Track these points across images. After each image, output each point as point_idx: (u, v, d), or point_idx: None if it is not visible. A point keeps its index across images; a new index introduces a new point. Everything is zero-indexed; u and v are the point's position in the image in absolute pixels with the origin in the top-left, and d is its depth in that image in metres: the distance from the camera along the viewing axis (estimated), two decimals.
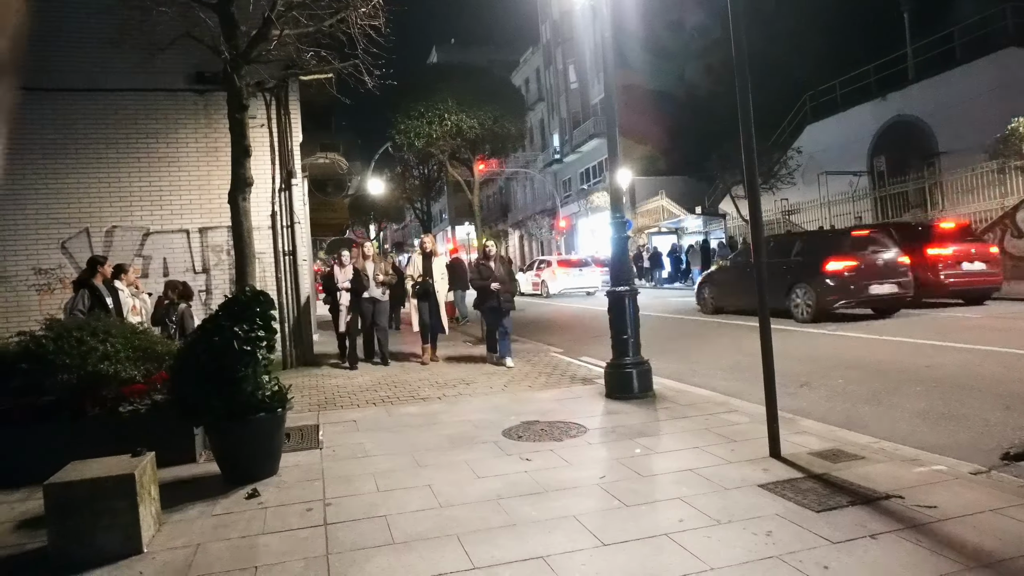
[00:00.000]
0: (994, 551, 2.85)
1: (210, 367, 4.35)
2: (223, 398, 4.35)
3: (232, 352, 4.35)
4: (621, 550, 3.10)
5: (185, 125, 9.60)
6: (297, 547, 3.36)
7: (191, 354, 4.57)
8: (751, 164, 4.48)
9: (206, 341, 4.49)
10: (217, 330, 4.47)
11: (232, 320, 4.49)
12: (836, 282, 11.52)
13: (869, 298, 11.67)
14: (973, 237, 14.24)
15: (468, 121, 15.35)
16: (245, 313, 4.54)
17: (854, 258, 11.72)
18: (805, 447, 4.46)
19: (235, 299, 4.68)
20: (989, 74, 19.61)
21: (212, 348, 4.40)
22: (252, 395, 4.46)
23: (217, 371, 4.34)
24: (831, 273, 11.54)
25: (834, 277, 11.52)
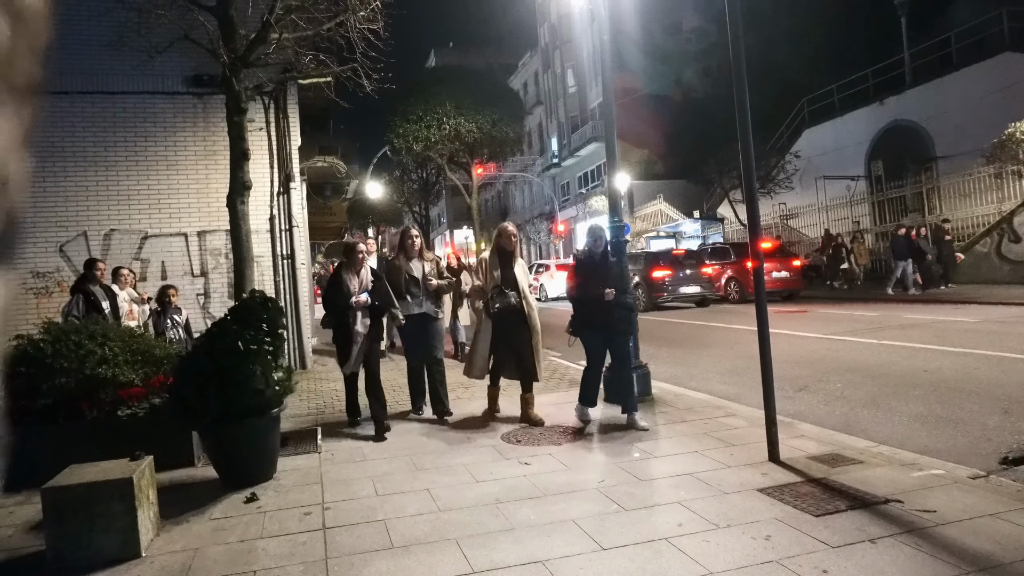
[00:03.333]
0: (993, 555, 2.86)
1: (210, 369, 4.34)
2: (223, 399, 4.33)
3: (237, 353, 4.35)
4: (620, 554, 3.09)
5: (184, 128, 9.59)
6: (295, 551, 3.35)
7: (194, 356, 4.57)
8: (749, 168, 4.49)
9: (210, 343, 4.49)
10: (221, 333, 4.47)
11: (239, 324, 4.49)
12: (658, 285, 17.25)
13: (681, 296, 17.50)
14: (783, 253, 18.95)
15: (466, 125, 15.41)
16: (251, 317, 4.54)
17: (670, 269, 17.54)
18: (804, 451, 4.46)
19: (244, 303, 4.70)
20: (986, 79, 19.67)
21: (214, 350, 4.40)
22: (259, 394, 4.48)
23: (217, 372, 4.33)
24: (655, 279, 17.28)
25: (656, 282, 17.26)
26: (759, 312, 4.39)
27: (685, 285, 17.60)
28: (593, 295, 5.37)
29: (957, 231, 19.14)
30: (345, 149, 30.80)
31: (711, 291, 18.02)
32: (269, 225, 9.81)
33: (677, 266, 17.91)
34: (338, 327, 5.89)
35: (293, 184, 10.06)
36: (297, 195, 10.30)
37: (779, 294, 17.54)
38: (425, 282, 6.19)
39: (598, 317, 5.42)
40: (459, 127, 17.18)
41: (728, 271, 18.38)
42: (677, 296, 17.55)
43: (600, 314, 5.39)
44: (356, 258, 5.96)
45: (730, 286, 18.29)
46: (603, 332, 5.48)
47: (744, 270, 17.60)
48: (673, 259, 18.55)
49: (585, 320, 5.55)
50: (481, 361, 5.87)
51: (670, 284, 17.44)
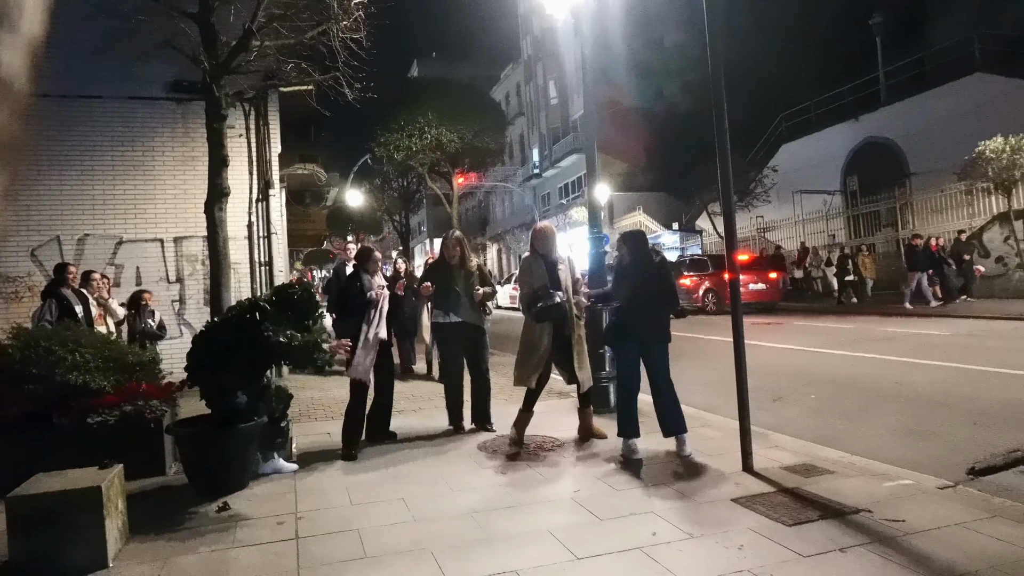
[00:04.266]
0: (958, 564, 2.90)
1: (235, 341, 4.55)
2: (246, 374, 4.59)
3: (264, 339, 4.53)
4: (595, 564, 3.10)
5: (162, 133, 9.50)
6: (268, 561, 3.31)
7: (222, 326, 4.76)
8: (726, 182, 4.55)
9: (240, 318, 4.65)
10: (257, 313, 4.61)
11: (278, 310, 4.70)
12: None
13: None
14: (760, 266, 19.00)
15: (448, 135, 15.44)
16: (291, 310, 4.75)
17: None
18: (778, 462, 4.50)
19: (286, 292, 4.89)
20: (958, 98, 20.13)
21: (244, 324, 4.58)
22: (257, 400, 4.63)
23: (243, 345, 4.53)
24: None
25: None
26: (735, 324, 4.44)
27: None
28: (629, 304, 4.96)
29: None
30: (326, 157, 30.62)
31: (689, 302, 18.18)
32: (247, 232, 9.73)
33: None
34: (353, 328, 5.43)
35: (272, 191, 10.00)
36: (276, 202, 10.23)
37: (756, 306, 17.65)
38: (471, 291, 5.83)
39: (632, 324, 4.90)
40: (441, 137, 17.20)
41: (706, 282, 18.51)
42: None
43: (636, 321, 4.88)
44: (373, 263, 5.73)
45: (708, 297, 18.43)
46: (638, 341, 4.90)
47: (722, 281, 17.74)
48: None
49: (619, 329, 5.05)
50: (532, 369, 5.31)
51: None
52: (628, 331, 4.92)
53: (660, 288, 4.99)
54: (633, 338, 4.90)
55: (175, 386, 5.48)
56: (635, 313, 4.89)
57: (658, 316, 4.93)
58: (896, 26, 24.52)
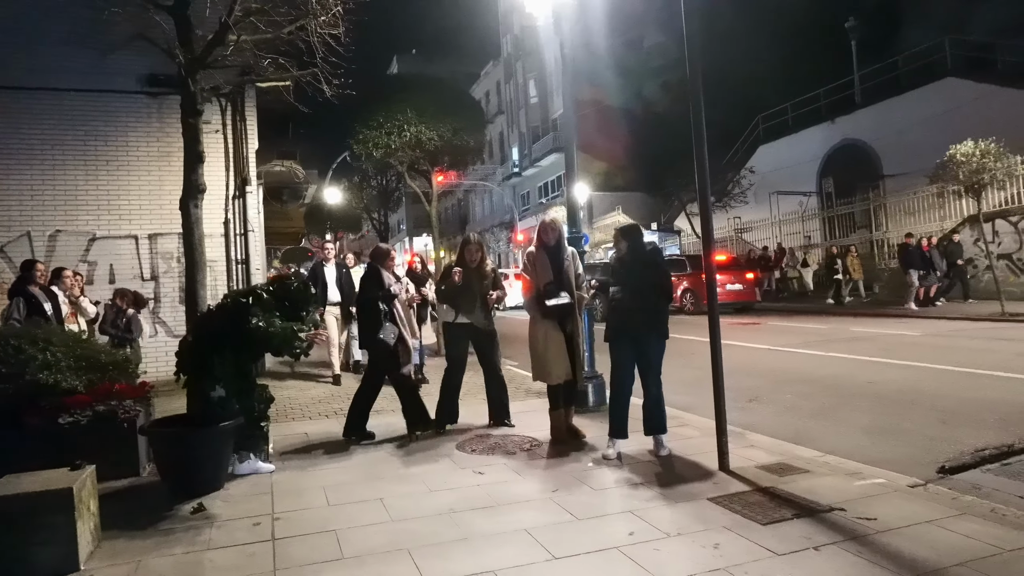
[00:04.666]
0: (928, 561, 2.96)
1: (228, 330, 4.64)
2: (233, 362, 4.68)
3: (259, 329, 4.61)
4: (572, 563, 3.11)
5: (136, 128, 9.36)
6: (244, 563, 3.28)
7: (217, 315, 4.83)
8: (703, 183, 4.58)
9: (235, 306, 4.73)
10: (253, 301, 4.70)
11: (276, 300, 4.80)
12: None
13: None
14: (738, 266, 19.16)
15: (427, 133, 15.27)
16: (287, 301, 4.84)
17: None
18: (754, 461, 4.55)
19: (285, 285, 4.94)
20: (930, 102, 20.49)
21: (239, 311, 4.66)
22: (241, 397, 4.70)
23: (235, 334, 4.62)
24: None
25: None
26: (712, 324, 4.48)
27: None
28: (626, 298, 4.84)
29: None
30: (304, 154, 30.45)
31: None
32: (224, 229, 9.62)
33: None
34: (375, 323, 5.64)
35: (249, 188, 9.89)
36: (253, 199, 10.12)
37: (733, 306, 17.78)
38: (486, 294, 5.87)
39: (630, 319, 4.81)
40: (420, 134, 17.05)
41: (684, 283, 18.59)
42: None
43: (634, 316, 4.80)
44: (391, 260, 6.07)
45: (686, 297, 18.54)
46: (635, 337, 4.81)
47: (700, 281, 17.81)
48: None
49: (616, 326, 4.91)
50: (555, 364, 5.23)
51: None
52: (625, 327, 4.83)
53: (657, 280, 4.95)
54: (630, 334, 4.82)
55: (150, 386, 5.41)
56: (633, 308, 4.81)
57: (656, 309, 4.88)
58: (871, 30, 24.91)
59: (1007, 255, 16.36)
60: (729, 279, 17.77)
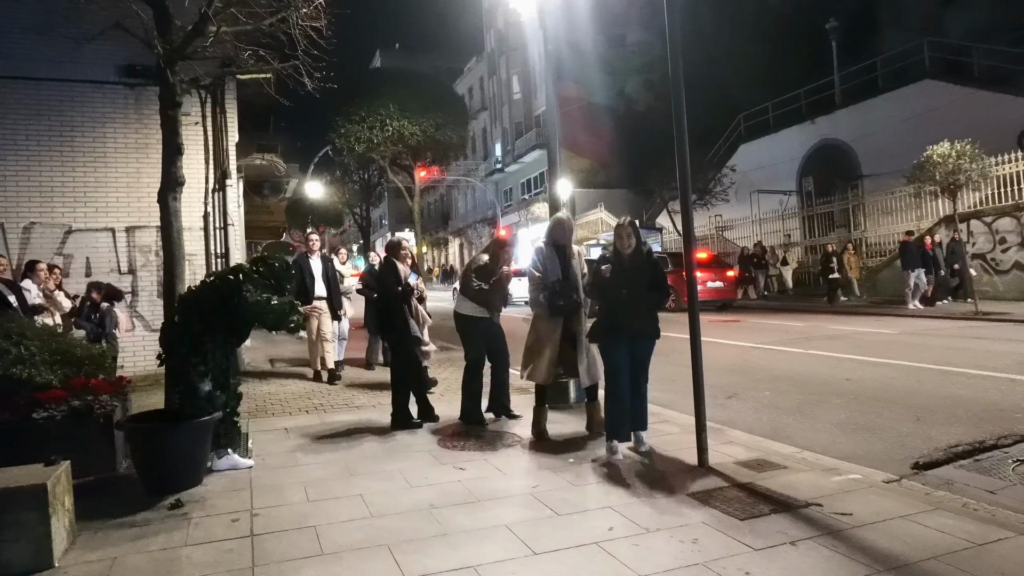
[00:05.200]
0: (902, 555, 3.01)
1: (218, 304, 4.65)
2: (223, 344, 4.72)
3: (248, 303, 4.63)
4: (552, 559, 3.13)
5: (114, 119, 9.22)
6: (222, 559, 3.26)
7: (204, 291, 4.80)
8: (685, 180, 4.61)
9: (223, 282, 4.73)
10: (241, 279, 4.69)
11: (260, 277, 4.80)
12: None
13: None
14: (718, 264, 19.22)
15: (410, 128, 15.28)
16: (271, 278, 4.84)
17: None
18: (732, 457, 4.60)
19: (267, 261, 4.95)
20: (908, 103, 20.76)
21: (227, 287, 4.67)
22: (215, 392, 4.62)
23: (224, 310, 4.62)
24: None
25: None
26: (692, 321, 4.51)
27: None
28: (628, 298, 4.72)
29: (879, 247, 20.09)
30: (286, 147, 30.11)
31: None
32: (203, 223, 9.51)
33: None
34: (392, 317, 6.01)
35: (229, 181, 9.78)
36: (233, 192, 10.02)
37: (713, 303, 17.87)
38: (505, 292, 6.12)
39: (626, 319, 4.73)
40: (402, 129, 17.05)
41: None
42: None
43: (629, 315, 4.72)
44: (401, 252, 6.39)
45: None
46: (630, 336, 4.75)
47: (681, 279, 17.88)
48: None
49: (610, 325, 4.80)
50: (548, 364, 5.32)
51: None
52: (621, 326, 4.74)
53: (660, 279, 4.95)
54: (625, 334, 4.74)
55: (127, 380, 5.35)
56: (633, 308, 4.73)
57: (651, 308, 4.87)
58: (851, 32, 25.16)
59: (981, 255, 16.65)
60: (710, 277, 17.89)
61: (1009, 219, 16.03)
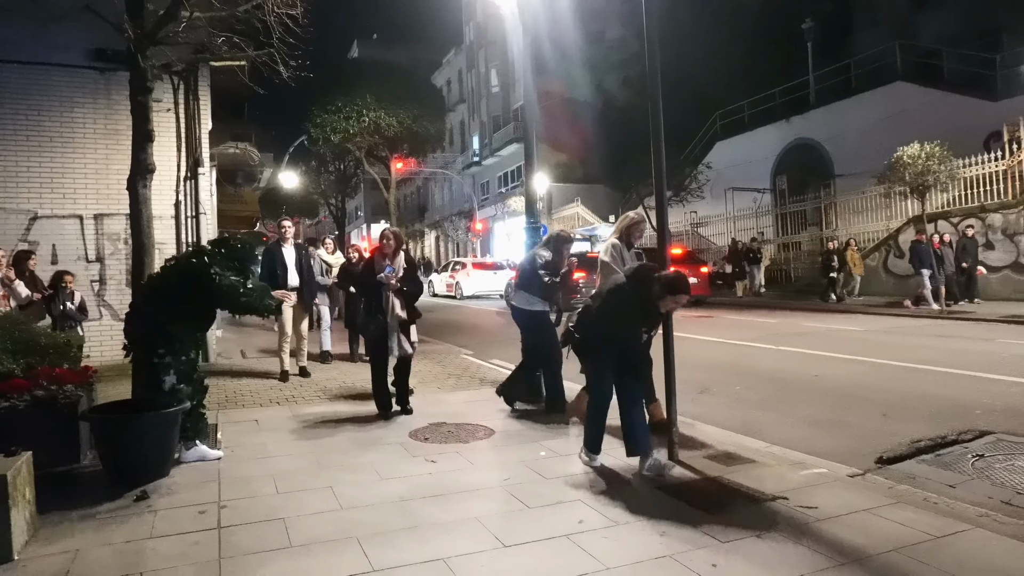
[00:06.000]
0: (865, 547, 3.07)
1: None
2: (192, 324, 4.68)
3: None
4: (521, 552, 3.14)
5: (83, 104, 9.03)
6: (187, 551, 3.22)
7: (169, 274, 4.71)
8: (660, 177, 4.64)
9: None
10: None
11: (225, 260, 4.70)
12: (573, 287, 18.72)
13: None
14: (692, 260, 19.24)
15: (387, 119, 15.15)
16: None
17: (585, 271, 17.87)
18: (702, 451, 4.65)
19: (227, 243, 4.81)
20: (880, 105, 21.09)
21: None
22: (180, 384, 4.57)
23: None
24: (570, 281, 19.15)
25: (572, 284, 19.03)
26: (665, 318, 4.54)
27: None
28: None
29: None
30: (260, 137, 29.79)
31: None
32: (174, 211, 9.38)
33: (592, 269, 18.36)
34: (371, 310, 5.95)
35: (202, 169, 9.64)
36: (206, 181, 9.88)
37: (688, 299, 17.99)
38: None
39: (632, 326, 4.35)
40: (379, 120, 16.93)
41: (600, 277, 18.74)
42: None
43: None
44: (381, 243, 6.18)
45: None
46: (621, 342, 4.33)
47: None
48: (589, 262, 19.02)
49: (613, 332, 4.33)
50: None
51: (585, 286, 17.89)
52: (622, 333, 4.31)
53: None
54: (623, 338, 4.33)
55: (93, 370, 5.25)
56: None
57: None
58: (826, 33, 25.47)
59: None
60: (684, 272, 18.01)
61: (975, 220, 16.36)
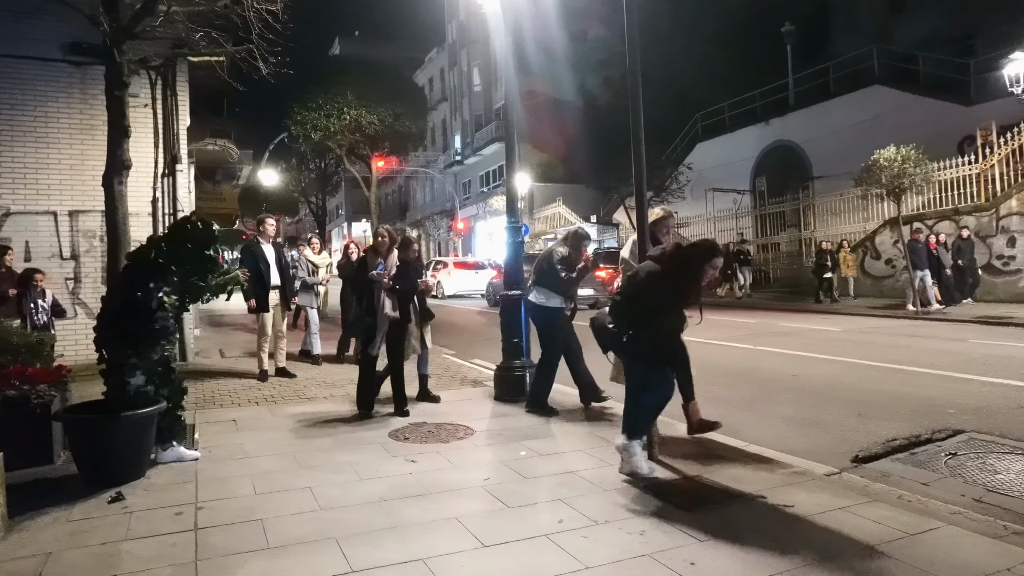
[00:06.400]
0: (840, 545, 3.12)
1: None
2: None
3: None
4: (501, 551, 3.14)
5: (57, 99, 8.87)
6: (164, 553, 3.18)
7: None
8: (640, 177, 4.66)
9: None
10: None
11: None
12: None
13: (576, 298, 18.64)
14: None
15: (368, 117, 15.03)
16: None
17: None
18: (680, 450, 4.68)
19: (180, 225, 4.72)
20: (858, 108, 21.36)
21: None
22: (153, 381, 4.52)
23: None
24: None
25: None
26: None
27: (580, 288, 18.11)
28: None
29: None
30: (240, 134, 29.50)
31: (604, 294, 18.53)
32: (151, 208, 9.24)
33: None
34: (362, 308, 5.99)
35: (180, 166, 9.53)
36: (184, 178, 9.77)
37: None
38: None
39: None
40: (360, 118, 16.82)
41: (620, 275, 18.77)
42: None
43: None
44: (377, 241, 6.27)
45: None
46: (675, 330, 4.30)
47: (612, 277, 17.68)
48: None
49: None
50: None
51: None
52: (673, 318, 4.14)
53: None
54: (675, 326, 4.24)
55: (67, 369, 5.17)
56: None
57: None
58: (806, 36, 25.76)
59: None
60: None
61: (948, 223, 16.63)
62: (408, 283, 6.05)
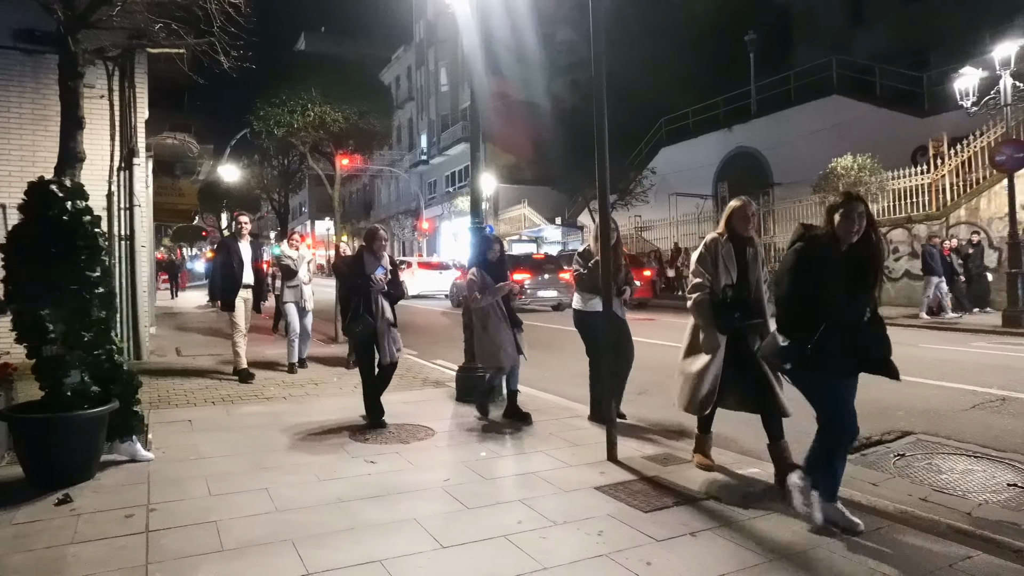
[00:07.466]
0: (792, 543, 3.19)
1: None
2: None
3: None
4: (459, 552, 3.13)
5: (7, 88, 8.57)
6: (113, 556, 3.10)
7: None
8: (603, 181, 4.71)
9: None
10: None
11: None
12: (518, 287, 16.92)
13: (539, 299, 18.49)
14: (635, 264, 19.14)
15: (332, 114, 14.81)
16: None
17: (530, 272, 18.27)
18: (640, 452, 4.73)
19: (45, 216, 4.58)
20: (817, 116, 21.90)
21: None
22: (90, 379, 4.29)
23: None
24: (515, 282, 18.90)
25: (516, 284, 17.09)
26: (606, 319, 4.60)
27: (543, 289, 18.51)
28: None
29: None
30: (201, 128, 28.95)
31: (567, 296, 18.69)
32: (106, 202, 8.99)
33: (537, 270, 18.79)
34: (357, 313, 5.60)
35: (137, 160, 9.29)
36: (141, 172, 9.52)
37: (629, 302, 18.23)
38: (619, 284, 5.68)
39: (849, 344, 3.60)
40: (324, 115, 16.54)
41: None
42: (535, 299, 18.42)
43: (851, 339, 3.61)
44: (375, 244, 5.86)
45: None
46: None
47: None
48: (534, 263, 19.27)
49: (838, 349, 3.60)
50: (707, 391, 4.31)
51: (529, 287, 18.07)
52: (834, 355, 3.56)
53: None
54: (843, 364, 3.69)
55: (13, 367, 5.01)
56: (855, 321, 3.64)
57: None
58: (768, 45, 26.29)
59: None
60: None
61: (901, 230, 17.12)
62: (399, 289, 5.90)
